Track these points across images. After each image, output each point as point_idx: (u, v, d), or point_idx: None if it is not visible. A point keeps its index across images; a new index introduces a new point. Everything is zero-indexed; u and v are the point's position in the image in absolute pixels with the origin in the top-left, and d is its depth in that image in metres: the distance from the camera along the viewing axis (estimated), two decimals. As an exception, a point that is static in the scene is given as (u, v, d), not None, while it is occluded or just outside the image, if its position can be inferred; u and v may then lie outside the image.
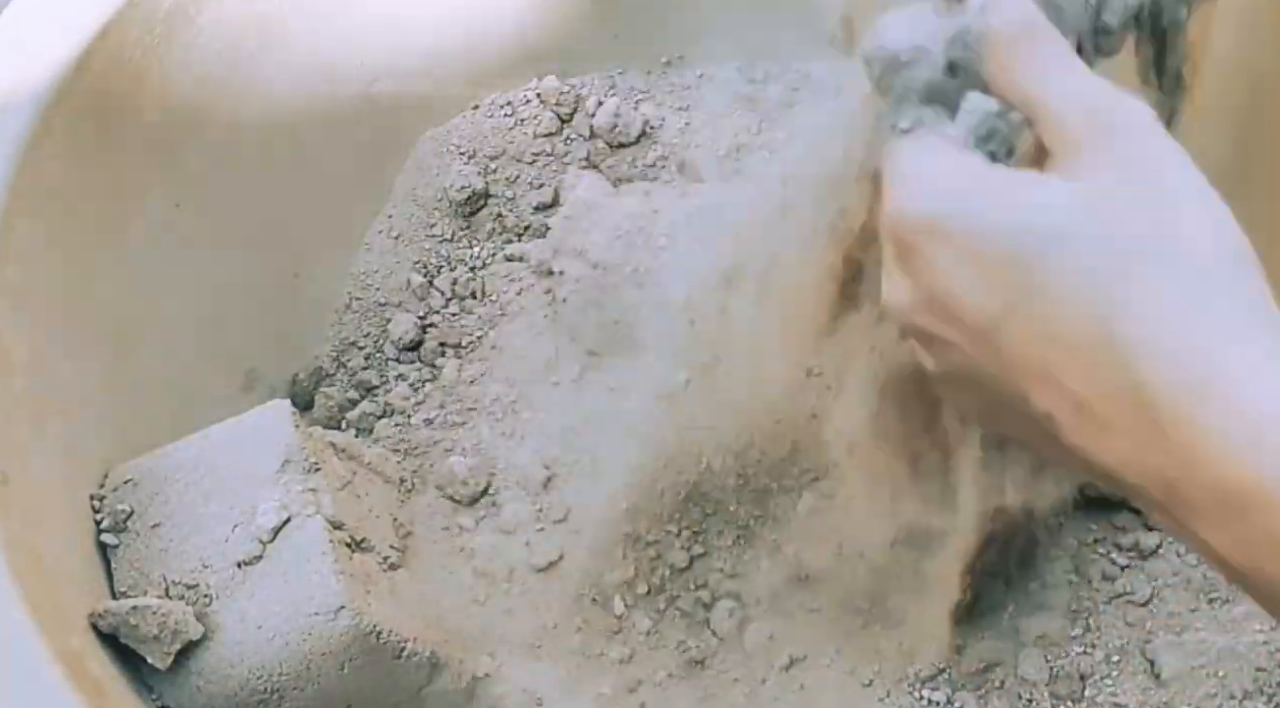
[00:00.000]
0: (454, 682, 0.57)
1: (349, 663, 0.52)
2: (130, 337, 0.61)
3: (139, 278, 0.62)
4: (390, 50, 0.73)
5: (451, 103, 0.75)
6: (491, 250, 0.73)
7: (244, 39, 0.66)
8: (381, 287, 0.72)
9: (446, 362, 0.69)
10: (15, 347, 0.53)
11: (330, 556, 0.53)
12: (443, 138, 0.74)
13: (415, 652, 0.55)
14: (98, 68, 0.59)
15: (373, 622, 0.52)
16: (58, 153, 0.57)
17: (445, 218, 0.73)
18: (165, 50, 0.62)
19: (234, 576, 0.53)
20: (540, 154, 0.74)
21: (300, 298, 0.71)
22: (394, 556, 0.58)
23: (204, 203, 0.66)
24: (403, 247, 0.73)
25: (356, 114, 0.72)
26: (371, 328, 0.72)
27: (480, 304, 0.71)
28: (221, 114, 0.66)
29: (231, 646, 0.52)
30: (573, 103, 0.75)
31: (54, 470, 0.53)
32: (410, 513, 0.63)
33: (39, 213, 0.56)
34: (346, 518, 0.56)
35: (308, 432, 0.57)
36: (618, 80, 0.77)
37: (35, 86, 0.57)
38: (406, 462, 0.66)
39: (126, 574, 0.54)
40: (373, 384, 0.70)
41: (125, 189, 0.61)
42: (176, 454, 0.56)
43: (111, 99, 0.60)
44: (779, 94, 0.76)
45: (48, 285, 0.56)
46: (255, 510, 0.54)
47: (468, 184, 0.72)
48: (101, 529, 0.55)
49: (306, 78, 0.69)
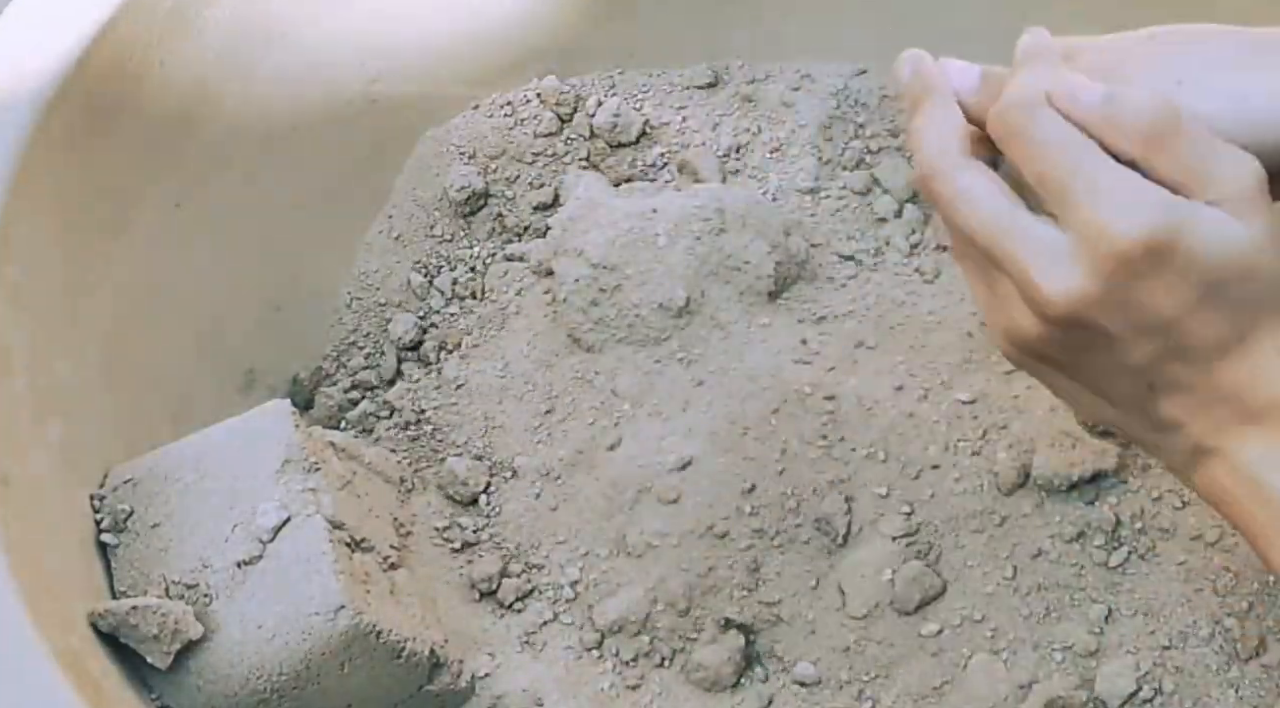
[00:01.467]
0: (454, 682, 0.57)
1: (349, 663, 0.52)
2: (130, 337, 0.61)
3: (139, 278, 0.62)
4: (390, 50, 0.73)
5: (451, 103, 0.75)
6: (491, 250, 0.73)
7: (244, 39, 0.66)
8: (381, 287, 0.72)
9: (446, 362, 0.69)
10: (15, 347, 0.53)
11: (330, 555, 0.53)
12: (443, 138, 0.74)
13: (415, 652, 0.55)
14: (98, 68, 0.59)
15: (372, 622, 0.52)
16: (58, 153, 0.57)
17: (445, 218, 0.73)
18: (165, 50, 0.62)
19: (234, 575, 0.53)
20: (540, 154, 0.74)
21: (300, 298, 0.71)
22: (394, 555, 0.58)
23: (204, 203, 0.66)
24: (403, 247, 0.73)
25: (356, 114, 0.72)
26: (371, 328, 0.72)
27: (480, 304, 0.71)
28: (221, 114, 0.66)
29: (231, 645, 0.52)
30: (573, 103, 0.75)
31: (54, 470, 0.53)
32: (410, 513, 0.63)
33: (39, 213, 0.56)
34: (346, 518, 0.56)
35: (308, 432, 0.57)
36: (618, 80, 0.77)
37: (35, 86, 0.57)
38: (406, 462, 0.66)
39: (126, 574, 0.54)
40: (373, 384, 0.70)
41: (125, 189, 0.61)
42: (176, 454, 0.56)
43: (111, 99, 0.60)
44: (779, 94, 0.76)
45: (48, 285, 0.56)
46: (255, 510, 0.54)
47: (468, 184, 0.72)
48: (101, 529, 0.55)
49: (306, 78, 0.70)
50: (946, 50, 0.60)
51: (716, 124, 0.76)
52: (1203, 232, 0.43)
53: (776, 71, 0.77)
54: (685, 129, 0.75)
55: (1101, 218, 0.43)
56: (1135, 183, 0.44)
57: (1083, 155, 0.44)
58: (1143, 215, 0.43)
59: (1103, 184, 0.43)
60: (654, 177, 0.74)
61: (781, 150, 0.74)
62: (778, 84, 0.77)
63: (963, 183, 0.46)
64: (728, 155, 0.75)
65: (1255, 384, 0.45)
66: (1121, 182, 0.44)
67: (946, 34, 0.74)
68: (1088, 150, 0.44)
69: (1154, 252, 0.43)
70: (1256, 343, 0.44)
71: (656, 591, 0.61)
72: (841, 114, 0.75)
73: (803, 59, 0.77)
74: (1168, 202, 0.43)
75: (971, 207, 0.46)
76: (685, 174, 0.74)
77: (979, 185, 0.46)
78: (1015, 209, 0.46)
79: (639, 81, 0.77)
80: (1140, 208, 0.43)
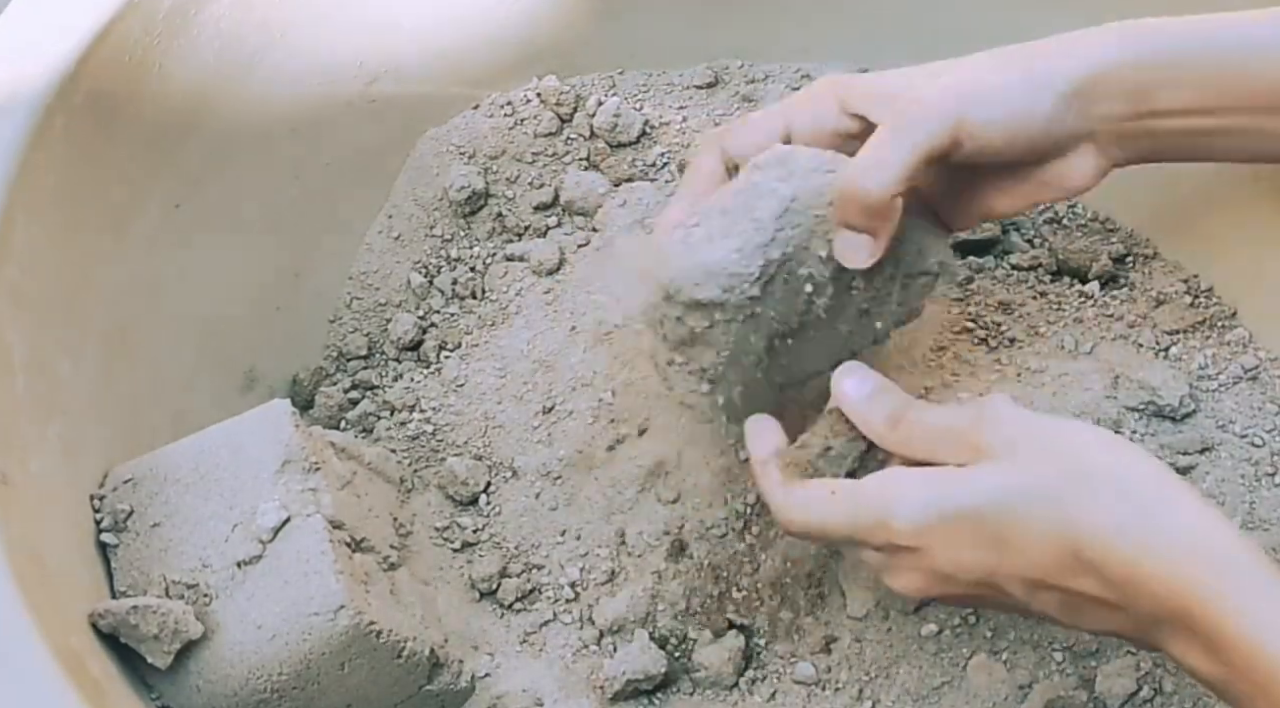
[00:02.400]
0: (454, 682, 0.57)
1: (349, 663, 0.53)
2: (130, 336, 0.61)
3: (139, 278, 0.62)
4: (390, 50, 0.73)
5: (451, 103, 0.75)
6: (491, 250, 0.73)
7: (244, 39, 0.66)
8: (381, 287, 0.72)
9: (446, 362, 0.69)
10: (15, 347, 0.53)
11: (330, 555, 0.53)
12: (443, 138, 0.74)
13: (415, 651, 0.55)
14: (98, 68, 0.59)
15: (372, 622, 0.52)
16: (58, 153, 0.57)
17: (445, 218, 0.73)
18: (165, 50, 0.62)
19: (234, 575, 0.53)
20: (540, 154, 0.74)
21: (300, 298, 0.71)
22: (394, 555, 0.58)
23: (204, 202, 0.66)
24: (403, 247, 0.73)
25: (356, 114, 0.72)
26: (371, 328, 0.72)
27: (480, 304, 0.71)
28: (221, 114, 0.66)
29: (231, 645, 0.52)
30: (573, 103, 0.75)
31: (54, 470, 0.53)
32: (410, 513, 0.63)
33: (39, 213, 0.56)
34: (346, 518, 0.56)
35: (308, 432, 0.57)
36: (618, 80, 0.77)
37: (35, 86, 0.57)
38: (406, 462, 0.66)
39: (126, 574, 0.54)
40: (373, 384, 0.70)
41: (125, 189, 0.61)
42: (176, 454, 0.56)
43: (111, 99, 0.60)
44: (779, 94, 0.76)
45: (48, 285, 0.56)
46: (255, 510, 0.54)
47: (468, 184, 0.72)
48: (101, 529, 0.55)
49: (306, 78, 0.70)
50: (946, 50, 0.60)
51: (716, 124, 0.76)
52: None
53: (776, 71, 0.77)
54: (685, 129, 0.75)
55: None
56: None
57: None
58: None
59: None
60: (654, 177, 0.74)
61: (781, 150, 0.74)
62: (778, 84, 0.77)
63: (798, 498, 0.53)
64: (728, 155, 0.75)
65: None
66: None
67: (946, 34, 0.74)
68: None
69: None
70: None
71: (656, 590, 0.61)
72: (841, 114, 0.75)
73: (803, 59, 0.77)
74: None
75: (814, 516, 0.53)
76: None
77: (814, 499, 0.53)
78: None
79: (639, 81, 0.77)
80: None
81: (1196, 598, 0.45)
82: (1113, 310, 0.69)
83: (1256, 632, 0.44)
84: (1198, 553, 0.46)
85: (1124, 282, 0.70)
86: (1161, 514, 0.47)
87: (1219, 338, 0.67)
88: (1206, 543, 0.46)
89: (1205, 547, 0.46)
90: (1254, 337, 0.67)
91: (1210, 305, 0.68)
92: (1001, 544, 0.49)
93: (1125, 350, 0.66)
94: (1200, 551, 0.46)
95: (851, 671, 0.59)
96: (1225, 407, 0.64)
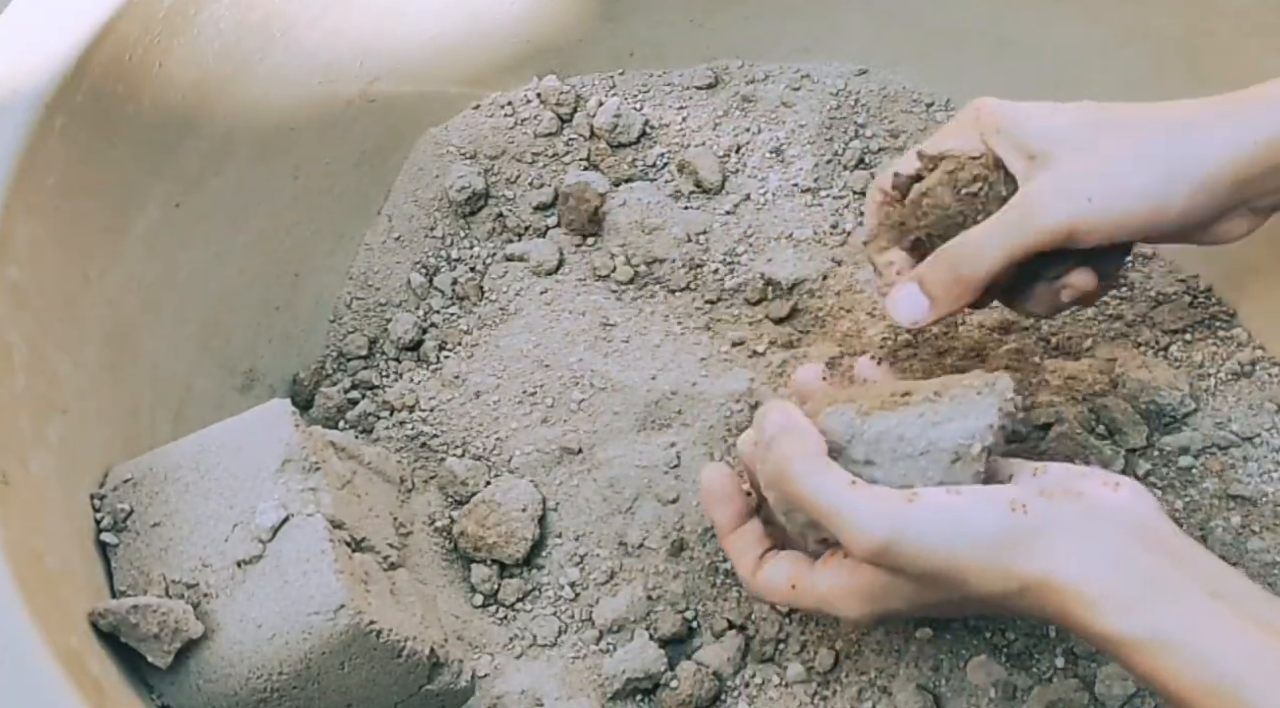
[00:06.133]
0: (454, 682, 0.57)
1: (349, 662, 0.53)
2: (130, 337, 0.61)
3: (139, 278, 0.62)
4: (390, 50, 0.73)
5: (451, 103, 0.75)
6: (491, 250, 0.73)
7: (244, 39, 0.66)
8: (381, 287, 0.72)
9: (446, 361, 0.69)
10: (15, 346, 0.53)
11: (330, 555, 0.53)
12: (443, 138, 0.74)
13: (415, 651, 0.55)
14: (98, 68, 0.59)
15: (372, 621, 0.52)
16: (58, 153, 0.57)
17: (445, 218, 0.73)
18: (165, 50, 0.62)
19: (234, 575, 0.53)
20: (540, 154, 0.74)
21: (300, 298, 0.71)
22: (394, 555, 0.58)
23: (204, 203, 0.66)
24: (403, 247, 0.73)
25: (356, 114, 0.72)
26: (371, 328, 0.72)
27: (480, 304, 0.71)
28: (221, 114, 0.66)
29: (231, 645, 0.52)
30: (573, 103, 0.75)
31: (54, 470, 0.53)
32: (410, 513, 0.63)
33: (39, 213, 0.56)
34: (346, 517, 0.56)
35: (308, 431, 0.57)
36: (618, 80, 0.77)
37: (35, 86, 0.57)
38: (406, 461, 0.66)
39: (126, 573, 0.54)
40: (373, 384, 0.70)
41: (125, 189, 0.61)
42: (176, 454, 0.56)
43: (111, 99, 0.60)
44: (779, 94, 0.76)
45: (48, 285, 0.56)
46: (255, 510, 0.54)
47: (468, 184, 0.72)
48: (101, 529, 0.55)
49: (306, 78, 0.70)
50: (945, 50, 0.60)
51: (716, 124, 0.76)
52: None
53: (776, 71, 0.77)
54: (685, 129, 0.75)
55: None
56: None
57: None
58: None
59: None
60: (654, 177, 0.74)
61: (781, 150, 0.74)
62: (778, 84, 0.77)
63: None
64: (728, 155, 0.75)
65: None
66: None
67: (945, 34, 0.74)
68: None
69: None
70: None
71: (656, 591, 0.61)
72: (841, 114, 0.75)
73: (803, 59, 0.77)
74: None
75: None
76: (685, 174, 0.74)
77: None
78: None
79: (639, 81, 0.77)
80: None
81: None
82: (1113, 310, 0.69)
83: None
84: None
85: (1124, 282, 0.70)
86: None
87: (1218, 338, 0.67)
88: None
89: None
90: (1253, 336, 0.67)
91: (1210, 305, 0.68)
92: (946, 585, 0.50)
93: (1125, 350, 0.66)
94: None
95: (851, 672, 0.59)
96: (1225, 406, 0.64)
